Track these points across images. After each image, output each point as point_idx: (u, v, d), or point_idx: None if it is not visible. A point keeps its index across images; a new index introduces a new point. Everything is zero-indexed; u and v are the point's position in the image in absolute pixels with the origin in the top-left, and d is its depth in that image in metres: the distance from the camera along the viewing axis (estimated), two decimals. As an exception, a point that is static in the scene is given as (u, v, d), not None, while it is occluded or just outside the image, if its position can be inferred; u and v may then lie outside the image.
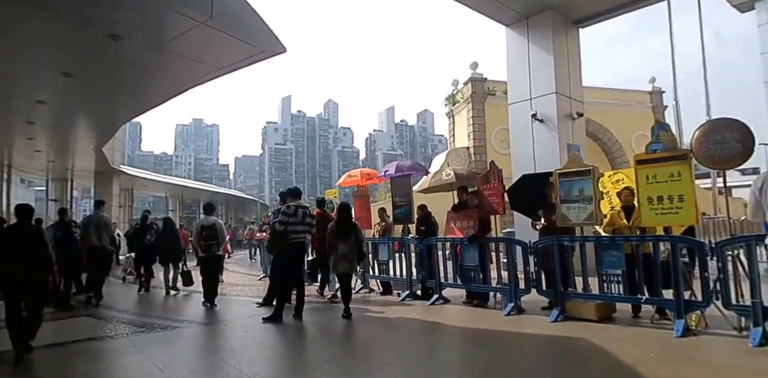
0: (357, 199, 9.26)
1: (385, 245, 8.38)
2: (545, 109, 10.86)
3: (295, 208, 6.43)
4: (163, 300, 9.25)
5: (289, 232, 6.37)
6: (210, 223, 7.92)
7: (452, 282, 7.19)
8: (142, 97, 10.20)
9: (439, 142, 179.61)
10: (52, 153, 16.40)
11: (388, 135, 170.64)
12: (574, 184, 5.85)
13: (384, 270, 8.40)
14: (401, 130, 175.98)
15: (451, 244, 7.14)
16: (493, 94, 23.48)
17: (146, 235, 9.63)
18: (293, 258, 6.55)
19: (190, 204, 40.75)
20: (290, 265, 6.53)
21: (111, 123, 12.21)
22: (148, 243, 9.58)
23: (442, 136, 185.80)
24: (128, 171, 22.96)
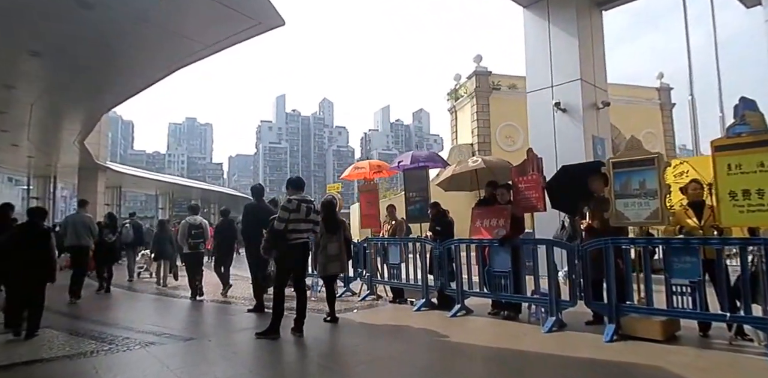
0: (364, 195, 8.26)
1: (397, 246, 7.38)
2: (569, 98, 9.92)
3: (298, 203, 5.41)
4: (142, 304, 8.34)
5: (289, 231, 5.37)
6: (197, 222, 8.48)
7: (478, 290, 6.20)
8: (126, 80, 9.13)
9: (435, 141, 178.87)
10: (31, 148, 15.28)
11: (383, 134, 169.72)
12: (633, 176, 4.87)
13: (395, 275, 7.40)
14: (397, 130, 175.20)
15: (478, 247, 6.13)
16: (498, 88, 22.55)
17: (107, 234, 9.44)
18: (294, 262, 5.56)
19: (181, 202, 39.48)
20: (290, 270, 5.54)
21: (92, 111, 11.11)
22: (110, 242, 9.43)
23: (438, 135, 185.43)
24: (115, 167, 21.85)
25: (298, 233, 5.44)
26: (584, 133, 9.68)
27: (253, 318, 6.64)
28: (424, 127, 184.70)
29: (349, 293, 8.31)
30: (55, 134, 13.66)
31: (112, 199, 26.25)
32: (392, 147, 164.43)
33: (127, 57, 7.89)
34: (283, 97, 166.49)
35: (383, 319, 6.35)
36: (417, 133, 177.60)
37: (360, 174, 8.29)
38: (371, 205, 8.04)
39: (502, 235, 5.80)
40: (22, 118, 11.31)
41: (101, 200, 20.58)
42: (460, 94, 24.36)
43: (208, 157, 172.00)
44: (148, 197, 51.55)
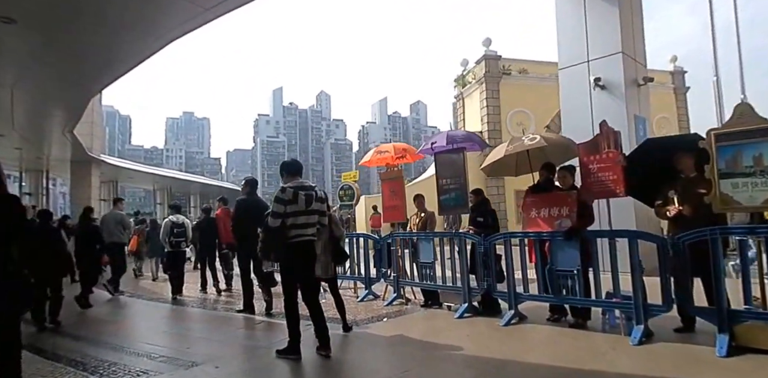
0: (387, 183, 7.25)
1: (429, 242, 6.40)
2: (608, 73, 8.91)
3: (294, 192, 4.33)
4: (137, 314, 7.45)
5: (288, 228, 4.33)
6: (180, 221, 8.45)
7: (536, 293, 5.22)
8: (115, 54, 8.03)
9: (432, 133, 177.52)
10: (18, 138, 14.22)
11: (381, 127, 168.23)
12: (745, 150, 3.88)
13: (427, 275, 6.43)
14: (394, 122, 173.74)
15: (535, 242, 5.15)
16: (508, 73, 21.53)
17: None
18: (298, 266, 4.49)
19: (180, 197, 38.47)
20: (296, 276, 4.51)
21: (80, 93, 9.98)
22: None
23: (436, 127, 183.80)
24: (109, 160, 20.81)
25: (299, 229, 4.37)
26: (627, 112, 8.69)
27: (264, 331, 5.70)
28: (422, 119, 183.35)
29: (372, 297, 7.36)
30: (43, 122, 12.62)
31: (108, 195, 25.19)
32: (390, 139, 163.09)
33: (116, 25, 6.82)
34: (280, 90, 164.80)
35: (422, 330, 5.39)
36: (414, 125, 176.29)
37: (382, 159, 7.28)
38: (396, 195, 7.03)
39: (568, 226, 4.83)
40: (3, 102, 10.26)
41: (96, 195, 19.56)
42: (467, 81, 23.32)
43: (206, 152, 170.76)
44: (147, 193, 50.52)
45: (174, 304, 7.70)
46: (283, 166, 4.69)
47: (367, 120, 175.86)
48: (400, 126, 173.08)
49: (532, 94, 20.87)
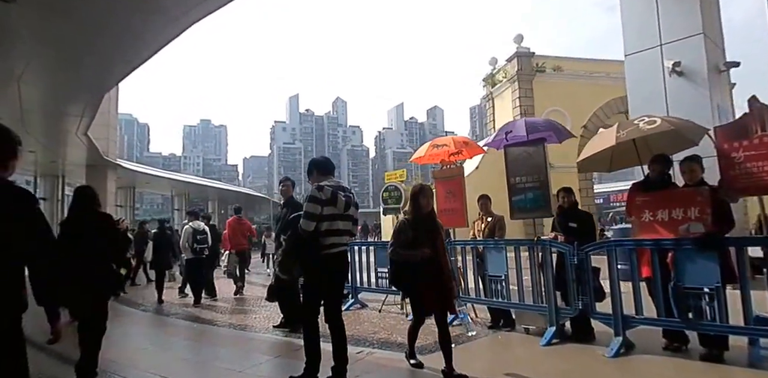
0: (442, 183, 6.21)
1: (500, 252, 5.34)
2: (686, 58, 7.76)
3: (334, 191, 3.69)
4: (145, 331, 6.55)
5: (324, 234, 3.64)
6: (201, 227, 8.43)
7: (654, 316, 4.11)
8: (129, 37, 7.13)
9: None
10: (31, 140, 13.49)
11: (397, 133, 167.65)
12: None
13: (497, 291, 5.37)
14: (411, 128, 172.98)
15: (654, 252, 4.04)
16: (542, 70, 20.38)
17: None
18: (331, 282, 3.79)
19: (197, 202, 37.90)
20: (324, 293, 3.80)
21: (92, 85, 9.07)
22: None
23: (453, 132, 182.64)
24: (126, 165, 20.10)
25: (336, 236, 3.71)
26: (711, 101, 7.55)
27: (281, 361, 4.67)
28: (438, 125, 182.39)
29: (424, 313, 6.32)
30: (55, 122, 11.86)
31: (125, 201, 24.61)
32: (406, 145, 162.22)
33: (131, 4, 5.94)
34: (296, 97, 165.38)
35: (502, 362, 4.34)
36: (431, 131, 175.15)
37: (436, 155, 6.23)
38: (454, 196, 5.98)
39: (699, 231, 3.74)
40: (11, 99, 9.48)
41: (112, 201, 18.85)
42: (497, 80, 22.22)
43: (223, 159, 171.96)
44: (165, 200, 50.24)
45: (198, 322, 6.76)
46: (315, 164, 4.04)
47: (383, 126, 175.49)
48: (416, 132, 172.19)
49: (568, 92, 19.73)
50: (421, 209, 3.84)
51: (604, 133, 4.86)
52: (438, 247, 3.81)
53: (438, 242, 3.84)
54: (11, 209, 2.12)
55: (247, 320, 6.72)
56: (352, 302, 7.24)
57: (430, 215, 3.93)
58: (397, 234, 3.86)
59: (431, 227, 3.86)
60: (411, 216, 3.88)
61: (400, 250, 3.81)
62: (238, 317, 6.98)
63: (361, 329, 5.75)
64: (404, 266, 3.81)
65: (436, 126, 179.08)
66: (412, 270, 3.74)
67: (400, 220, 4.01)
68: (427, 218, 3.87)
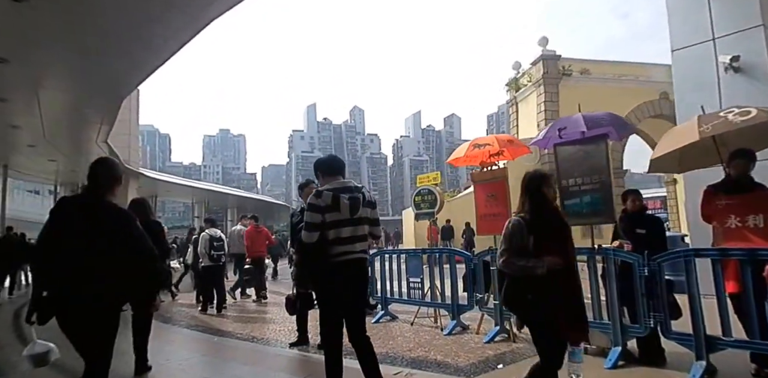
0: (482, 186, 5.69)
1: (551, 261, 4.80)
2: (745, 53, 7.16)
3: (334, 195, 3.29)
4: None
5: (331, 243, 3.28)
6: (218, 235, 8.46)
7: (745, 338, 3.53)
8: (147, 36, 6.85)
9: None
10: (51, 149, 13.41)
11: (414, 140, 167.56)
12: None
13: (547, 304, 4.82)
14: (428, 136, 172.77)
15: (746, 263, 3.47)
16: (569, 73, 19.75)
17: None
18: (347, 293, 3.34)
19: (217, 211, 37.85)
20: (341, 306, 3.38)
21: (111, 89, 8.80)
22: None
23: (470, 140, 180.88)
24: (147, 173, 20.04)
25: (345, 244, 3.30)
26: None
27: None
28: (456, 133, 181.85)
29: (460, 328, 5.80)
30: (75, 129, 11.73)
31: (146, 209, 24.50)
32: (423, 153, 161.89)
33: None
34: (314, 106, 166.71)
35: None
36: (448, 139, 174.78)
37: (473, 157, 5.72)
38: (496, 200, 5.45)
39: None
40: (30, 107, 9.31)
41: (133, 209, 18.69)
42: (521, 84, 21.65)
43: (242, 168, 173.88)
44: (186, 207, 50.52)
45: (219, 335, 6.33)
46: (317, 165, 3.59)
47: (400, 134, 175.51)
48: (433, 139, 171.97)
49: (596, 96, 18.93)
50: (547, 204, 2.88)
51: (680, 129, 4.29)
52: (570, 254, 2.82)
53: (570, 247, 2.85)
54: (117, 224, 2.78)
55: (268, 333, 6.26)
56: (382, 314, 6.75)
57: (555, 212, 2.96)
58: (510, 239, 2.81)
59: (559, 228, 2.85)
60: (531, 214, 2.82)
61: (516, 260, 2.76)
62: (260, 330, 6.53)
63: (395, 345, 5.25)
64: (525, 282, 2.75)
65: (453, 134, 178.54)
66: (536, 287, 2.71)
67: (513, 221, 2.86)
68: (552, 216, 2.88)
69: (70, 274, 2.63)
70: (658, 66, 21.24)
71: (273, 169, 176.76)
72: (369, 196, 3.50)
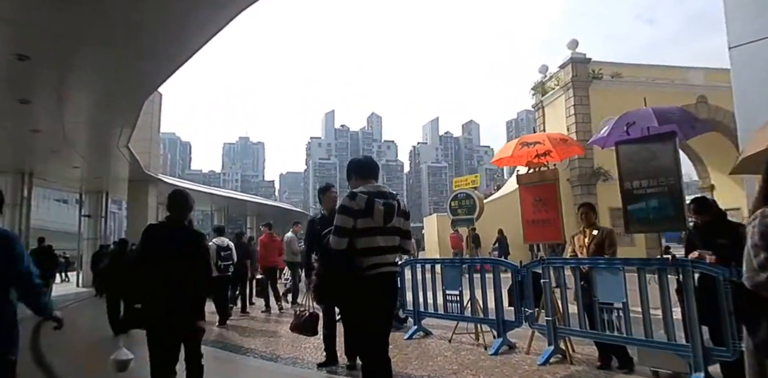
0: (529, 189, 5.18)
1: (615, 273, 4.26)
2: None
3: (369, 200, 2.96)
4: None
5: (362, 253, 2.93)
6: (225, 244, 8.22)
7: None
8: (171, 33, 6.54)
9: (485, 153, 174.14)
10: (74, 155, 13.25)
11: (432, 147, 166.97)
12: None
13: (610, 323, 4.28)
14: (446, 142, 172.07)
15: None
16: (599, 77, 19.11)
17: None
18: (378, 311, 3.01)
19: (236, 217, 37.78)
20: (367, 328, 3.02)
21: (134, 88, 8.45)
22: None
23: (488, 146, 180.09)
24: (166, 180, 19.90)
25: (376, 255, 2.97)
26: None
27: None
28: (474, 139, 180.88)
29: (507, 347, 5.27)
30: (96, 134, 11.48)
31: (166, 216, 24.42)
32: (441, 160, 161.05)
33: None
34: (332, 113, 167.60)
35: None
36: (466, 145, 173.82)
37: (518, 157, 5.22)
38: (545, 205, 4.93)
39: None
40: (52, 109, 9.09)
41: (152, 215, 18.54)
42: (548, 88, 21.05)
43: (261, 175, 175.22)
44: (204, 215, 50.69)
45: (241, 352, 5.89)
46: (352, 166, 3.29)
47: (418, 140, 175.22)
48: (451, 146, 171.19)
49: (627, 100, 17.95)
50: None
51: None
52: None
53: None
54: (191, 244, 3.26)
55: (294, 352, 5.79)
56: (415, 329, 6.25)
57: None
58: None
59: None
60: None
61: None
62: (285, 348, 6.07)
63: (436, 367, 4.75)
64: None
65: (472, 140, 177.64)
66: None
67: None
68: None
69: (161, 288, 3.11)
70: (695, 69, 20.52)
71: (291, 176, 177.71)
72: (404, 205, 3.15)
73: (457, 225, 6.26)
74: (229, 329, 7.50)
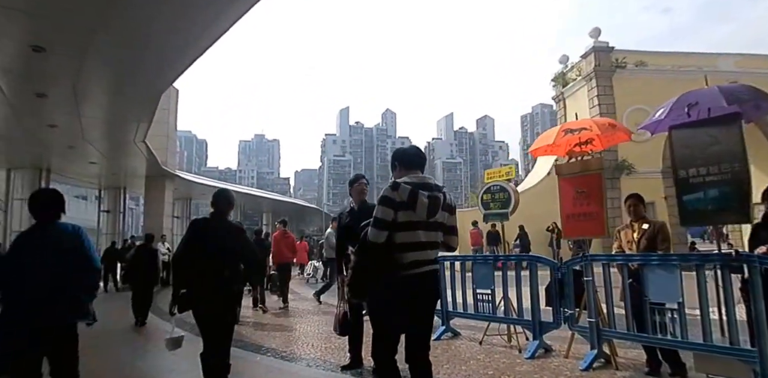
0: (569, 180, 4.80)
1: (671, 271, 3.89)
2: None
3: (413, 191, 2.72)
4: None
5: (401, 249, 2.68)
6: None
7: None
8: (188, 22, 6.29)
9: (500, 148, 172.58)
10: (91, 150, 13.16)
11: (447, 143, 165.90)
12: None
13: (662, 325, 3.91)
14: (460, 138, 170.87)
15: None
16: (623, 66, 18.52)
17: None
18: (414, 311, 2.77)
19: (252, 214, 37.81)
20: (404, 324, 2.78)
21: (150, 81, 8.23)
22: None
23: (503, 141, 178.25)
24: (183, 175, 19.82)
25: (416, 251, 2.73)
26: None
27: None
28: (489, 134, 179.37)
29: (543, 350, 4.93)
30: (113, 129, 11.34)
31: (182, 212, 24.44)
32: (456, 155, 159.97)
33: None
34: (346, 109, 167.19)
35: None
36: (481, 141, 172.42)
37: (558, 146, 4.85)
38: (588, 197, 4.55)
39: None
40: (68, 103, 8.94)
41: (169, 211, 18.50)
42: (569, 78, 20.48)
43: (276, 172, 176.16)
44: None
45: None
46: (396, 155, 3.06)
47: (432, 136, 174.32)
48: (466, 141, 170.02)
49: (652, 88, 17.65)
50: None
51: None
52: None
53: None
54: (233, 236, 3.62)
55: (315, 352, 5.51)
56: (443, 330, 5.94)
57: None
58: None
59: None
60: None
61: None
62: (305, 348, 5.80)
63: (470, 371, 4.44)
64: None
65: (487, 136, 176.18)
66: None
67: None
68: None
69: (204, 275, 3.45)
70: (725, 55, 19.75)
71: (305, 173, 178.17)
72: (449, 199, 2.88)
73: (489, 219, 5.88)
74: (248, 326, 7.27)
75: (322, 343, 5.97)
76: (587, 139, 4.72)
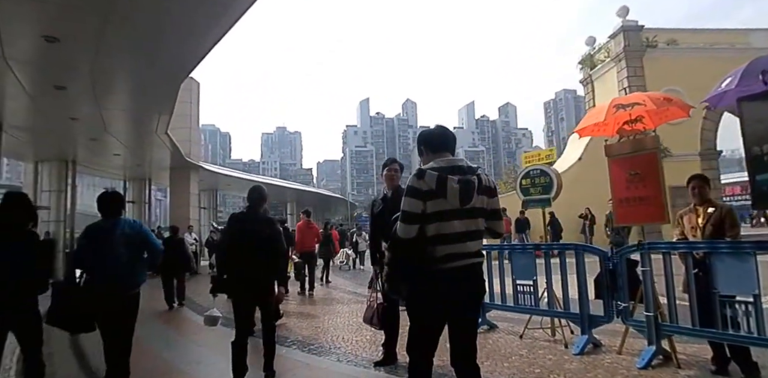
0: (618, 162, 4.37)
1: (743, 261, 3.47)
2: None
3: (440, 177, 2.39)
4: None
5: (433, 242, 2.39)
6: None
7: None
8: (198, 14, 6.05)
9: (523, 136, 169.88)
10: (114, 142, 13.12)
11: (468, 131, 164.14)
12: None
13: (733, 320, 3.50)
14: (482, 126, 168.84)
15: None
16: (653, 45, 17.62)
17: None
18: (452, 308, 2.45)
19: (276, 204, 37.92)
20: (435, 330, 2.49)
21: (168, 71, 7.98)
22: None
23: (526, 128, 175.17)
24: (207, 167, 19.82)
25: (451, 244, 2.40)
26: None
27: None
28: (512, 122, 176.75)
29: (592, 345, 4.56)
30: (134, 121, 11.25)
31: (208, 203, 24.60)
32: (479, 144, 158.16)
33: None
34: (367, 100, 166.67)
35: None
36: (504, 128, 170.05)
37: (607, 123, 4.42)
38: (642, 180, 4.11)
39: None
40: (87, 95, 8.81)
41: (194, 202, 18.54)
42: (597, 60, 19.64)
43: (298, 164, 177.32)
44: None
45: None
46: (422, 138, 2.73)
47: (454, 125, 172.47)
48: (488, 130, 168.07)
49: (685, 68, 16.85)
50: None
51: None
52: None
53: None
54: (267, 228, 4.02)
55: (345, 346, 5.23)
56: (479, 322, 5.60)
57: None
58: None
59: None
60: None
61: None
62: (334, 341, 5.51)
63: (514, 368, 4.10)
64: None
65: (509, 123, 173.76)
66: None
67: None
68: None
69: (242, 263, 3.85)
70: (759, 31, 18.69)
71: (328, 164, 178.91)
72: (486, 180, 2.52)
73: (530, 206, 5.48)
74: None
75: (353, 335, 5.71)
76: (637, 117, 4.28)
